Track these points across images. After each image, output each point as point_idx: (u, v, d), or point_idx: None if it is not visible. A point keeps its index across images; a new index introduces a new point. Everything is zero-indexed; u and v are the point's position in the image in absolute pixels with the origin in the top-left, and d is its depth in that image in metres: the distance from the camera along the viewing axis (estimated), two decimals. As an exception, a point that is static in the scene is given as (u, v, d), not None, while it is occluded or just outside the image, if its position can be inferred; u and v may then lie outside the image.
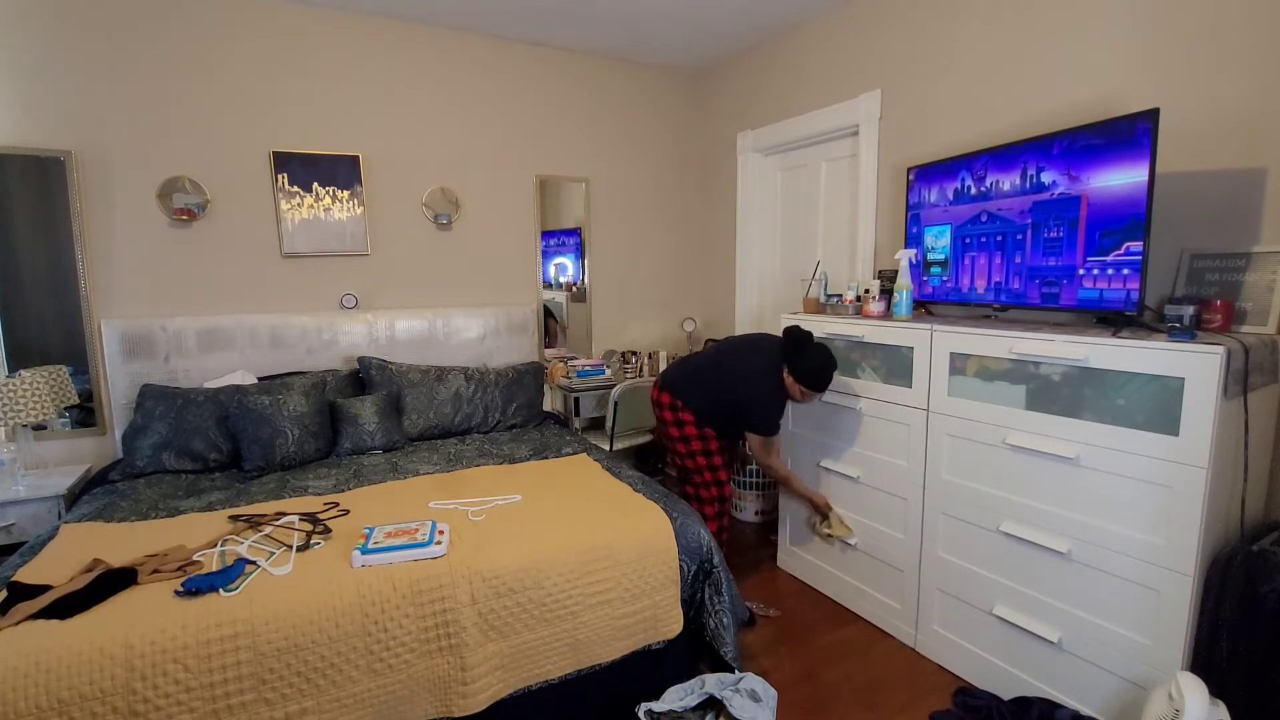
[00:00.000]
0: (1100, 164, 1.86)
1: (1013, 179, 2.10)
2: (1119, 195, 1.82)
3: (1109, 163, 1.83)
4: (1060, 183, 1.96)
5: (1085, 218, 1.90)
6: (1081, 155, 1.90)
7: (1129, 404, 1.66)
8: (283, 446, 2.53)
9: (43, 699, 1.28)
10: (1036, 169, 2.03)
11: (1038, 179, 2.02)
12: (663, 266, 4.20)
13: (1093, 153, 1.87)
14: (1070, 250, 1.95)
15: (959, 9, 2.53)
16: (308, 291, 3.17)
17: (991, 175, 2.17)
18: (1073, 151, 1.92)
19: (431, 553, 1.69)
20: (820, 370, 2.30)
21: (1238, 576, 1.53)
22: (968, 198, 2.26)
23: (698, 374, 2.53)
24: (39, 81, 2.59)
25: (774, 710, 1.80)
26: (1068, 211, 1.95)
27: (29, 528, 2.36)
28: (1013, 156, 2.10)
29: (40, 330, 2.65)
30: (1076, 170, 1.92)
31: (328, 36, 3.09)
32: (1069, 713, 1.77)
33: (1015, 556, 1.95)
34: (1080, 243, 1.92)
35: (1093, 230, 1.89)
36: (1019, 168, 2.08)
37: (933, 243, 2.41)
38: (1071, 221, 1.94)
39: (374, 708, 1.55)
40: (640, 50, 3.71)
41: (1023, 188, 2.07)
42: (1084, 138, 1.89)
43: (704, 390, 2.47)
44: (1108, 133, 1.83)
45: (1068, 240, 1.96)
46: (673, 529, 1.96)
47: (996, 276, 2.18)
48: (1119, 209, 1.82)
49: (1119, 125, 1.80)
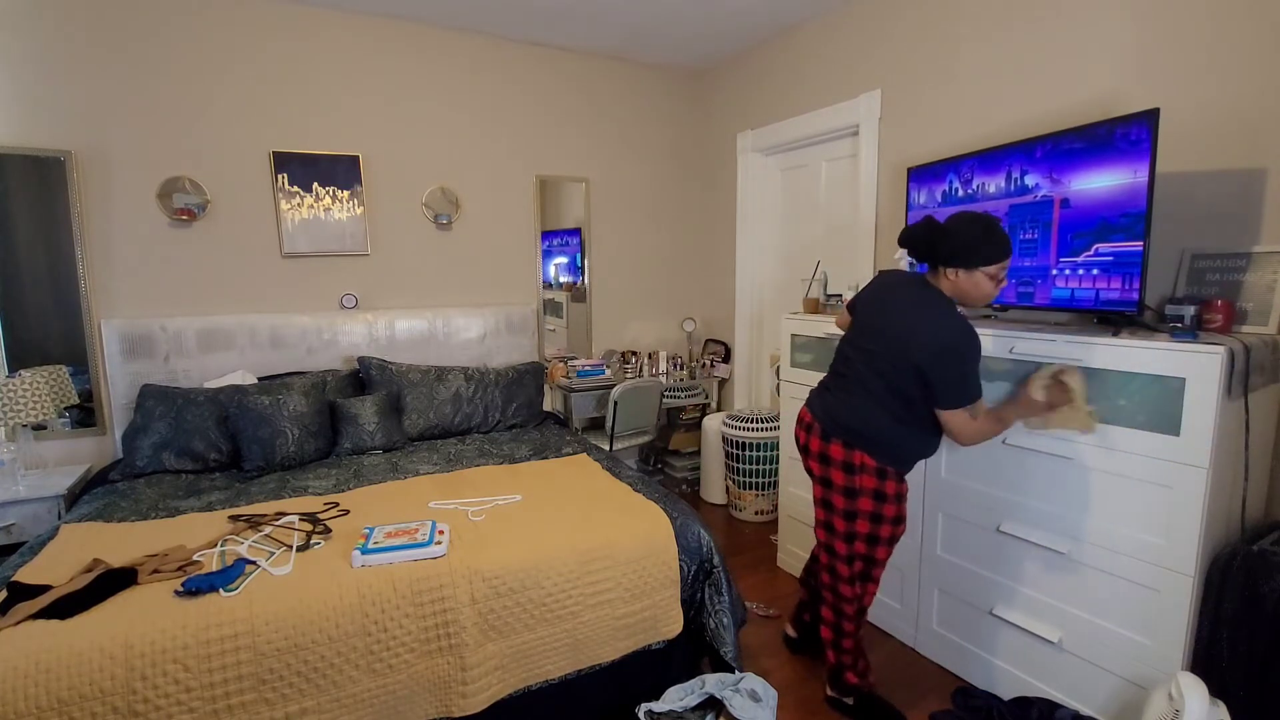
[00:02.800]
0: (1080, 168, 1.89)
1: (998, 181, 2.13)
2: (1097, 198, 1.85)
3: (1088, 166, 1.87)
4: (1043, 185, 1.99)
5: (1058, 220, 1.94)
6: (1064, 159, 1.93)
7: (1130, 404, 1.66)
8: (283, 446, 2.53)
9: (43, 699, 1.28)
10: (1020, 172, 2.05)
11: (1021, 182, 2.05)
12: (663, 266, 4.19)
13: (1074, 157, 1.90)
14: (1045, 251, 2.00)
15: (960, 9, 2.53)
16: (308, 291, 3.17)
17: (978, 178, 2.20)
18: (1055, 155, 1.95)
19: (431, 553, 1.69)
20: (982, 232, 1.62)
21: (1238, 576, 1.53)
22: (955, 200, 2.29)
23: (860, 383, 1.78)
24: (39, 81, 2.59)
25: (774, 710, 1.80)
26: (1042, 214, 1.99)
27: (29, 528, 2.36)
28: (998, 160, 2.12)
29: (40, 330, 2.65)
30: (1058, 174, 1.95)
31: (328, 37, 3.09)
32: (1069, 713, 1.77)
33: (1015, 556, 1.95)
34: (1054, 244, 1.97)
35: (1065, 232, 1.93)
36: (1004, 171, 2.11)
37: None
38: (1046, 223, 1.98)
39: (374, 708, 1.55)
40: (640, 50, 3.71)
41: (1007, 190, 2.10)
42: (1066, 142, 1.92)
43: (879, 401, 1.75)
44: (1087, 137, 1.86)
45: (1041, 241, 2.00)
46: (673, 529, 1.96)
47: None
48: (1094, 211, 1.86)
49: (1098, 130, 1.83)
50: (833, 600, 1.91)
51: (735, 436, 3.35)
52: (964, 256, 1.63)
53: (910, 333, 1.67)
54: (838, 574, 1.87)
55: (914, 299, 1.72)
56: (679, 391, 3.80)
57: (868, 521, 1.80)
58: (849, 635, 1.91)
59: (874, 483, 1.78)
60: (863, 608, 1.90)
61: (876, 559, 1.84)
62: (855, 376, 1.81)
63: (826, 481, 1.86)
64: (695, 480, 3.93)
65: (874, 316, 1.80)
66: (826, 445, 1.84)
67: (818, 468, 1.88)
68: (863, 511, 1.80)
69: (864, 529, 1.81)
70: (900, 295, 1.76)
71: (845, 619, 1.90)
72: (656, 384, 3.55)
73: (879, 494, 1.78)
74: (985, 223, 1.63)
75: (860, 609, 1.90)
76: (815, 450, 1.88)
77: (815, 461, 1.88)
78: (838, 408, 1.84)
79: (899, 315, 1.72)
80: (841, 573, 1.86)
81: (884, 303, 1.79)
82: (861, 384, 1.78)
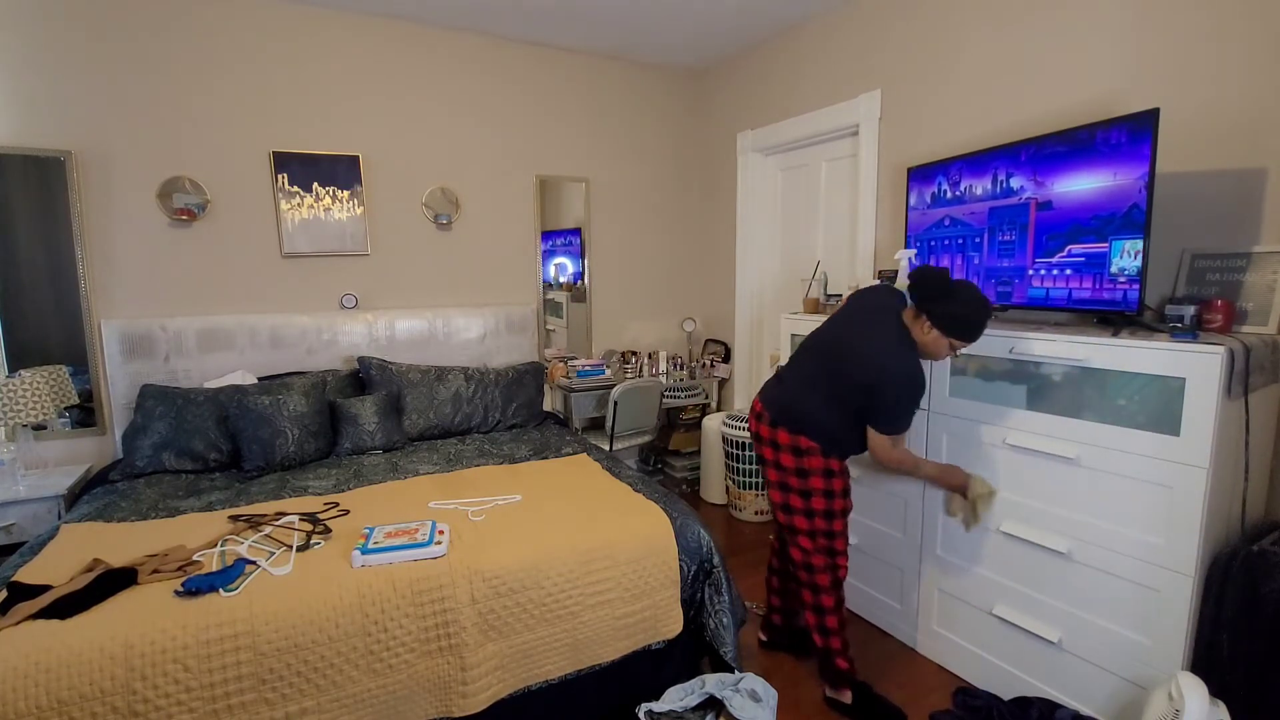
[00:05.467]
0: (1062, 171, 1.93)
1: (984, 184, 2.18)
2: (1077, 201, 1.89)
3: (1071, 169, 1.91)
4: (1028, 188, 2.04)
5: (1034, 222, 2.02)
6: (1047, 162, 1.97)
7: (1130, 404, 1.66)
8: (283, 446, 2.53)
9: (43, 699, 1.28)
10: (1006, 175, 2.10)
11: (1007, 184, 2.09)
12: (663, 266, 4.19)
13: (1057, 160, 1.95)
14: (1022, 252, 2.06)
15: (960, 9, 2.53)
16: (308, 291, 3.17)
17: (966, 180, 2.24)
18: (1039, 159, 1.99)
19: (431, 553, 1.69)
20: (974, 317, 1.73)
21: (1238, 576, 1.53)
22: (944, 201, 2.33)
23: (801, 378, 1.96)
24: (39, 81, 2.59)
25: (774, 710, 1.80)
26: (1020, 217, 2.06)
27: (29, 528, 2.36)
28: (984, 163, 2.17)
29: (40, 330, 2.65)
30: (1042, 176, 1.99)
31: (328, 36, 3.09)
32: (1069, 713, 1.77)
33: (1015, 556, 1.95)
34: (1030, 246, 2.03)
35: (1040, 234, 2.00)
36: (990, 173, 2.15)
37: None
38: (1023, 226, 2.05)
39: (374, 708, 1.55)
40: (640, 50, 3.71)
41: (993, 192, 2.15)
42: (1049, 145, 1.96)
43: (817, 394, 1.90)
44: (1069, 141, 1.91)
45: (1019, 243, 2.07)
46: (673, 529, 1.96)
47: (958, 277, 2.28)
48: (1069, 215, 1.92)
49: (1079, 134, 1.87)
50: (807, 578, 1.98)
51: (735, 436, 3.35)
52: (947, 323, 1.76)
53: (870, 355, 1.83)
54: (804, 548, 1.98)
55: (885, 328, 1.86)
56: (679, 391, 3.80)
57: (822, 498, 1.94)
58: (830, 611, 1.97)
59: (820, 462, 1.92)
60: (837, 580, 1.99)
61: (835, 531, 1.97)
62: (807, 374, 1.97)
63: (779, 465, 1.98)
64: (695, 480, 3.93)
65: (842, 328, 1.95)
66: (775, 431, 1.98)
67: (770, 453, 2.00)
68: (815, 489, 1.94)
69: (820, 505, 1.94)
70: (875, 320, 1.90)
71: (823, 592, 1.97)
72: (656, 384, 3.55)
73: (827, 471, 1.93)
74: (985, 311, 1.75)
75: (835, 580, 1.98)
76: (766, 436, 2.01)
77: (768, 447, 2.01)
78: (785, 398, 1.99)
79: (866, 337, 1.87)
80: (806, 546, 1.98)
81: (857, 322, 1.94)
82: (811, 381, 1.95)
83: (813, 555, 1.96)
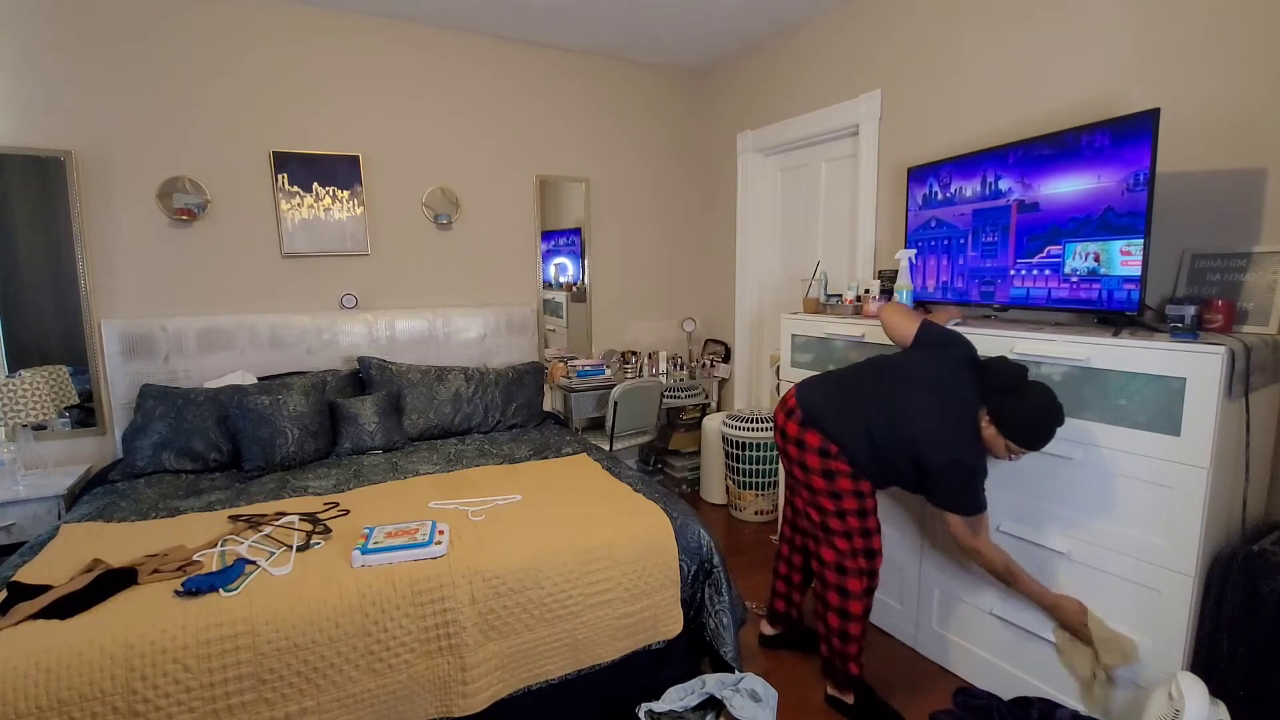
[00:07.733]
0: (1049, 173, 1.96)
1: (973, 186, 2.20)
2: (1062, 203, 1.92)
3: (1058, 172, 1.93)
4: (1015, 190, 2.06)
5: (1015, 225, 2.06)
6: (1035, 165, 2.00)
7: (1130, 404, 1.66)
8: (283, 446, 2.53)
9: (43, 699, 1.28)
10: (995, 177, 2.12)
11: (995, 186, 2.12)
12: (663, 266, 4.19)
13: (1045, 162, 1.97)
14: (1004, 253, 2.10)
15: (960, 9, 2.53)
16: (308, 291, 3.17)
17: (956, 182, 2.26)
18: (1027, 161, 2.02)
19: (431, 553, 1.69)
20: (1043, 422, 1.64)
21: (1238, 576, 1.53)
22: (935, 202, 2.35)
23: (853, 405, 1.86)
24: (39, 81, 2.59)
25: (774, 710, 1.80)
26: (1002, 219, 2.10)
27: (29, 528, 2.36)
28: (974, 165, 2.19)
29: (40, 330, 2.65)
30: (1030, 179, 2.01)
31: (328, 36, 3.09)
32: (1069, 713, 1.77)
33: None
34: (1011, 246, 2.07)
35: (1021, 235, 2.04)
36: (979, 175, 2.17)
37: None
38: (1005, 227, 2.10)
39: (374, 708, 1.55)
40: (640, 50, 3.71)
41: (981, 194, 2.17)
42: (1037, 148, 1.98)
43: (864, 430, 1.81)
44: (1056, 144, 1.93)
45: (1001, 244, 2.11)
46: (673, 529, 1.96)
47: (944, 277, 2.34)
48: (1050, 217, 1.96)
49: (1065, 137, 1.90)
50: (836, 580, 1.89)
51: (735, 436, 3.35)
52: (1013, 425, 1.66)
53: (946, 443, 1.71)
54: (840, 549, 1.89)
55: (965, 420, 1.73)
56: (679, 391, 3.80)
57: (853, 498, 1.87)
58: (856, 619, 1.89)
59: (846, 467, 1.86)
60: (871, 587, 1.90)
61: (870, 529, 1.90)
62: (863, 407, 1.84)
63: (804, 466, 1.90)
64: (695, 480, 3.93)
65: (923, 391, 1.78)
66: (803, 431, 1.89)
67: (795, 451, 1.92)
68: (844, 490, 1.87)
69: (851, 505, 1.87)
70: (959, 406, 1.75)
71: (852, 598, 1.88)
72: (656, 384, 3.55)
73: (855, 473, 1.86)
74: (1051, 418, 1.64)
75: (868, 588, 1.89)
76: (793, 435, 1.92)
77: (793, 445, 1.93)
78: (831, 413, 1.87)
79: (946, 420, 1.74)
80: (843, 547, 1.88)
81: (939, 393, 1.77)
82: (867, 417, 1.82)
83: (846, 558, 1.88)
